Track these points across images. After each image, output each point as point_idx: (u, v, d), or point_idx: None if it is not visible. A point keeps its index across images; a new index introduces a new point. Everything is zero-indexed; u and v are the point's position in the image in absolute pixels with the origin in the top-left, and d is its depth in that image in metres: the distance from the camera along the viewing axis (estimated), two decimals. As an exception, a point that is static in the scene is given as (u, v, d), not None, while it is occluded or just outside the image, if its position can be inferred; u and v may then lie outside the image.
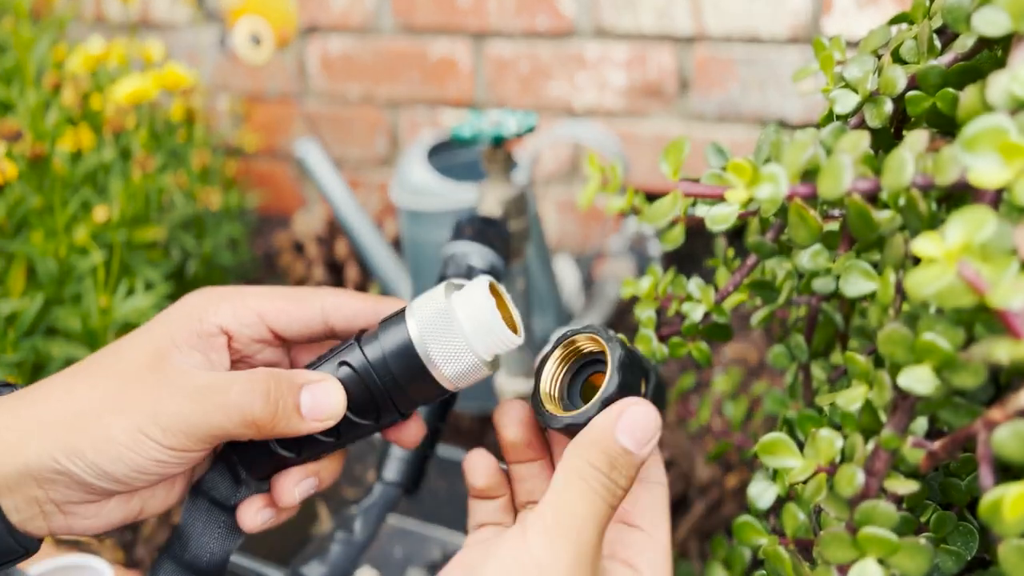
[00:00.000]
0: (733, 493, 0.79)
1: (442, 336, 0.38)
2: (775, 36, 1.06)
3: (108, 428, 0.36)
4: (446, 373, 0.38)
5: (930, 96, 0.37)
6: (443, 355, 0.38)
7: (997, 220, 0.26)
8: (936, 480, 0.37)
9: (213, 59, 1.39)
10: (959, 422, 0.31)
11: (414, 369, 0.38)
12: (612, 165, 0.41)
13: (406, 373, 0.39)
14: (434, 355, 0.38)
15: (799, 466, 0.37)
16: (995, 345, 0.26)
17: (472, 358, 0.38)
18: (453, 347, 0.38)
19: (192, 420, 0.36)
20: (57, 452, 0.36)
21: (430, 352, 0.38)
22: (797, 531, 0.41)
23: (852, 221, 0.33)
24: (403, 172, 0.95)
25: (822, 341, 0.50)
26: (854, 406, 0.34)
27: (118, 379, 0.37)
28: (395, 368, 0.39)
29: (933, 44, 0.38)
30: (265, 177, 1.45)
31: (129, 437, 0.36)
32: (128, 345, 0.39)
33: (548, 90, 1.20)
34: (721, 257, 0.53)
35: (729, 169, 0.35)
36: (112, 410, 0.36)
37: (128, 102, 0.96)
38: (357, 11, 1.27)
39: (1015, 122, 0.27)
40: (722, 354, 1.03)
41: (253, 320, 0.41)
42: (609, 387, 0.37)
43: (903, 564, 0.31)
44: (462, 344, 0.38)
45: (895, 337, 0.30)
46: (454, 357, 0.38)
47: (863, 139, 0.33)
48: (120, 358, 0.38)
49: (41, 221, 0.83)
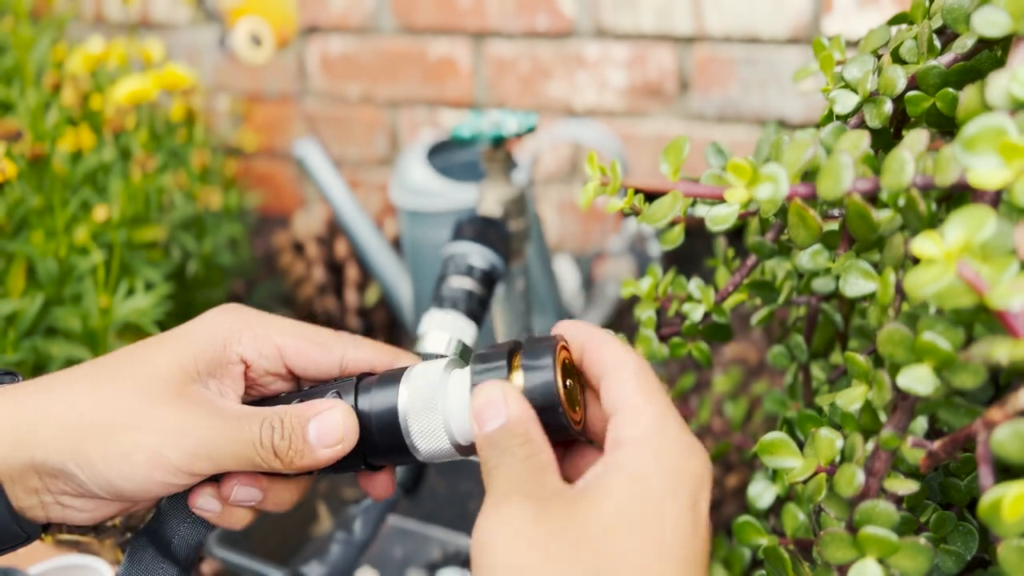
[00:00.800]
0: (733, 493, 0.79)
1: (424, 413, 0.38)
2: (775, 36, 1.06)
3: (123, 444, 0.36)
4: (420, 448, 0.39)
5: (930, 96, 0.37)
6: (420, 431, 0.38)
7: (997, 220, 0.26)
8: (936, 480, 0.37)
9: (213, 59, 1.39)
10: (959, 422, 0.31)
11: (392, 435, 0.39)
12: (612, 165, 0.41)
13: (384, 435, 0.39)
14: (412, 428, 0.38)
15: (799, 466, 0.37)
16: (995, 345, 0.26)
17: (446, 444, 0.38)
18: (430, 426, 0.38)
19: (223, 448, 0.37)
20: (67, 456, 0.36)
21: (409, 425, 0.38)
22: (797, 531, 0.41)
23: (852, 221, 0.33)
24: (403, 172, 0.95)
25: (822, 341, 0.50)
26: (854, 406, 0.35)
27: (138, 393, 0.37)
28: (375, 426, 0.39)
29: (933, 44, 0.38)
30: (265, 177, 1.45)
31: (145, 457, 0.36)
32: (147, 356, 0.39)
33: (548, 90, 1.20)
34: (721, 257, 0.53)
35: (729, 169, 0.35)
36: (131, 426, 0.36)
37: (128, 103, 0.96)
38: (357, 11, 1.27)
39: (1015, 122, 0.28)
40: (722, 354, 1.02)
41: (273, 355, 0.41)
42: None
43: (903, 564, 0.31)
44: (438, 426, 0.38)
45: (895, 337, 0.30)
46: (430, 436, 0.38)
47: (863, 139, 0.33)
48: (138, 370, 0.38)
49: (41, 221, 0.83)
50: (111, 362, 0.39)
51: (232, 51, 1.07)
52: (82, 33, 1.44)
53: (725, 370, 0.98)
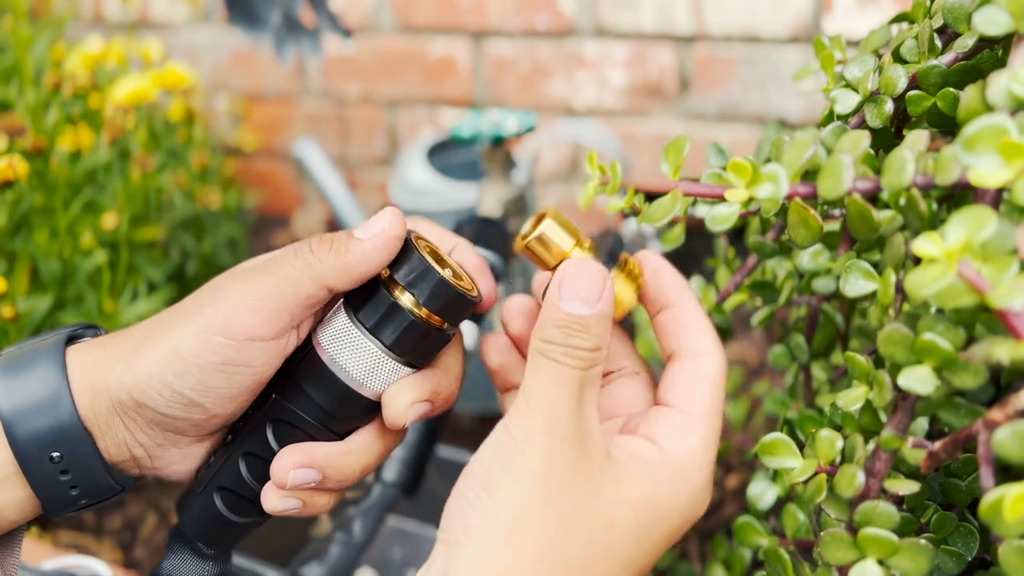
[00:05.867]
0: (733, 494, 0.79)
1: (346, 345, 0.38)
2: (776, 35, 1.05)
3: (175, 339, 0.37)
4: (353, 372, 0.38)
5: (931, 96, 0.37)
6: (350, 358, 0.38)
7: (997, 220, 0.26)
8: (936, 481, 0.37)
9: (212, 58, 1.39)
10: (959, 422, 0.31)
11: (330, 381, 0.38)
12: (612, 164, 0.41)
13: (321, 387, 0.38)
14: (343, 363, 0.38)
15: (799, 467, 0.37)
16: (995, 345, 0.26)
17: (375, 351, 0.37)
18: (355, 346, 0.38)
19: (278, 291, 0.36)
20: (128, 382, 0.37)
21: (339, 362, 0.38)
22: (797, 532, 0.41)
23: (852, 221, 0.33)
24: (402, 172, 0.95)
25: (822, 341, 0.50)
26: (854, 406, 0.34)
27: (175, 307, 0.39)
28: (314, 387, 0.38)
29: (934, 44, 0.38)
30: (264, 177, 1.45)
31: (195, 338, 0.36)
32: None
33: (548, 89, 1.20)
34: (722, 257, 0.53)
35: (729, 169, 0.35)
36: (174, 323, 0.37)
37: (128, 103, 0.96)
38: (356, 10, 1.27)
39: (1015, 122, 0.27)
40: (722, 354, 1.02)
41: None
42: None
43: (903, 565, 0.31)
44: (362, 343, 0.37)
45: (895, 337, 0.30)
46: (358, 354, 0.38)
47: (863, 139, 0.33)
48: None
49: (44, 221, 0.83)
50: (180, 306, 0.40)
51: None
52: (81, 32, 1.44)
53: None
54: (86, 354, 0.38)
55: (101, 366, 0.38)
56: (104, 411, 0.37)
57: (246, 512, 0.41)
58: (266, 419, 0.39)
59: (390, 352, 0.38)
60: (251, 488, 0.40)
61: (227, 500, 0.40)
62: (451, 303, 0.38)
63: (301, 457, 0.38)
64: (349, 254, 0.37)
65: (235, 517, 0.40)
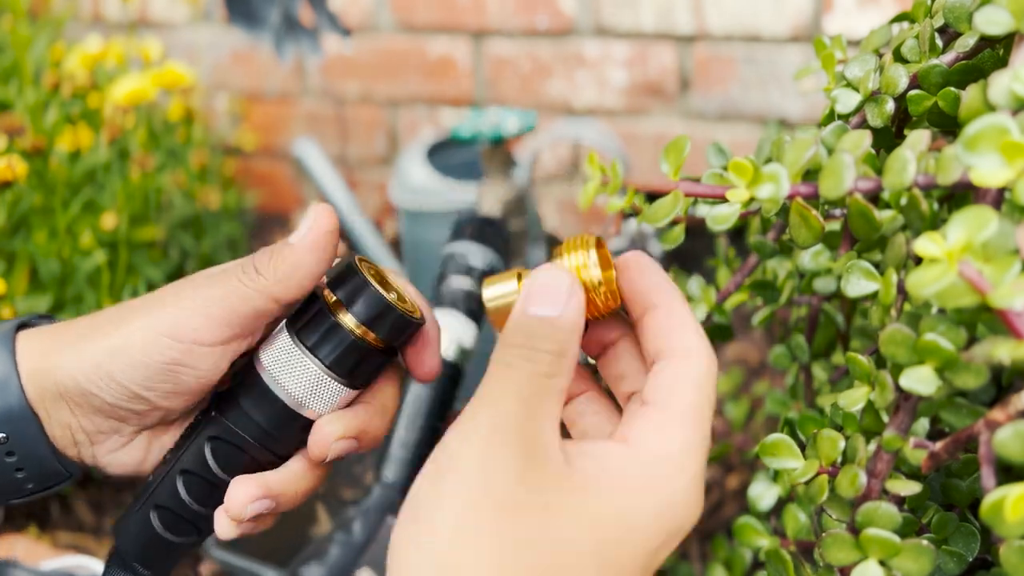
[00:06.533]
0: (734, 494, 0.79)
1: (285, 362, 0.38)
2: (776, 35, 1.05)
3: (124, 334, 0.37)
4: (291, 390, 0.38)
5: (932, 95, 0.37)
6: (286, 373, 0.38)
7: (999, 220, 0.26)
8: (938, 481, 0.37)
9: (212, 58, 1.39)
10: (961, 423, 0.31)
11: (270, 400, 0.38)
12: (612, 164, 0.41)
13: (261, 406, 0.38)
14: (281, 380, 0.38)
15: (800, 467, 0.37)
16: (997, 345, 0.26)
17: (312, 368, 0.37)
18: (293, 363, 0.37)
19: (227, 301, 0.37)
20: (75, 369, 0.37)
21: (278, 379, 0.38)
22: (798, 532, 0.41)
23: (854, 221, 0.33)
24: (402, 172, 0.95)
25: (823, 341, 0.50)
26: (856, 407, 0.34)
27: (129, 303, 0.39)
28: (257, 409, 0.38)
29: (935, 43, 0.38)
30: (264, 176, 1.45)
31: (143, 336, 0.36)
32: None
33: (548, 89, 1.20)
34: (722, 257, 0.53)
35: (730, 168, 0.35)
36: (124, 318, 0.37)
37: (127, 103, 0.96)
38: (356, 9, 1.27)
39: (1017, 121, 0.27)
40: (723, 354, 1.02)
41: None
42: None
43: (905, 566, 0.31)
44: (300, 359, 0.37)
45: (897, 337, 0.30)
46: (295, 372, 0.38)
47: (864, 138, 0.33)
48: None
49: (44, 221, 0.83)
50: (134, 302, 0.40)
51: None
52: (80, 32, 1.44)
53: (726, 370, 0.98)
54: (35, 340, 0.39)
55: (50, 351, 0.38)
56: (51, 395, 0.37)
57: (183, 532, 0.40)
58: (204, 437, 0.39)
59: (329, 371, 0.37)
60: (188, 507, 0.39)
61: (164, 519, 0.39)
62: (393, 325, 0.37)
63: (256, 490, 0.38)
64: (285, 262, 0.37)
65: (172, 536, 0.40)
